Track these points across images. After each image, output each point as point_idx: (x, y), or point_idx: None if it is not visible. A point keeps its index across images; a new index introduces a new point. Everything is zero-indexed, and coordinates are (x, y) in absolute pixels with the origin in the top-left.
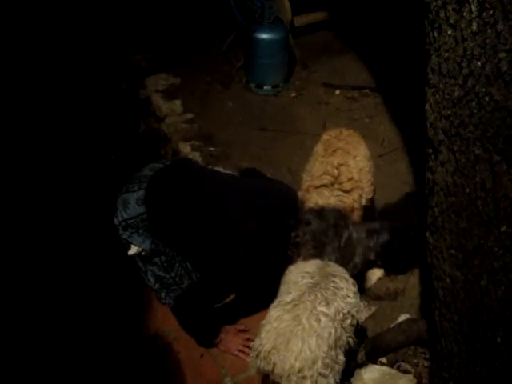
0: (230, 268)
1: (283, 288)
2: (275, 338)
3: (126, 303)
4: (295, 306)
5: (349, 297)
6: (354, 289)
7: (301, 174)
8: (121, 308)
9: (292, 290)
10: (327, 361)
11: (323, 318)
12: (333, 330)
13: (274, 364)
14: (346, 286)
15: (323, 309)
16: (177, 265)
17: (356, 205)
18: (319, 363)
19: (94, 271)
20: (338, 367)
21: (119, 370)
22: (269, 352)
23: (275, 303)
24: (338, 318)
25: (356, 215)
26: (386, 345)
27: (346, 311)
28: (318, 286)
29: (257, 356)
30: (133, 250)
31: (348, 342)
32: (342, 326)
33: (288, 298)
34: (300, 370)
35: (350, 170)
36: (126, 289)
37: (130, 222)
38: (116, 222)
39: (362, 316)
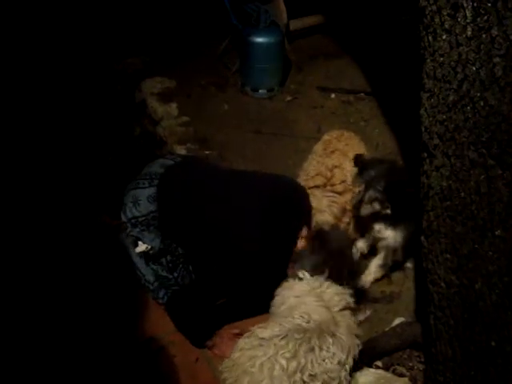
0: (238, 263)
1: (278, 302)
2: (230, 369)
3: (121, 306)
4: (260, 345)
5: (326, 361)
6: (343, 355)
7: (297, 172)
8: (116, 311)
9: (281, 321)
10: None
11: (278, 371)
12: None
13: None
14: (334, 350)
15: (283, 361)
16: (180, 266)
17: (348, 206)
18: None
19: (89, 274)
20: None
21: (114, 373)
22: (224, 381)
23: (249, 333)
24: (297, 376)
25: (348, 216)
26: (381, 348)
27: (313, 373)
28: (299, 336)
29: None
30: (141, 248)
31: None
32: None
33: (263, 334)
34: None
35: (344, 173)
36: (121, 291)
37: (140, 219)
38: (124, 218)
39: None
